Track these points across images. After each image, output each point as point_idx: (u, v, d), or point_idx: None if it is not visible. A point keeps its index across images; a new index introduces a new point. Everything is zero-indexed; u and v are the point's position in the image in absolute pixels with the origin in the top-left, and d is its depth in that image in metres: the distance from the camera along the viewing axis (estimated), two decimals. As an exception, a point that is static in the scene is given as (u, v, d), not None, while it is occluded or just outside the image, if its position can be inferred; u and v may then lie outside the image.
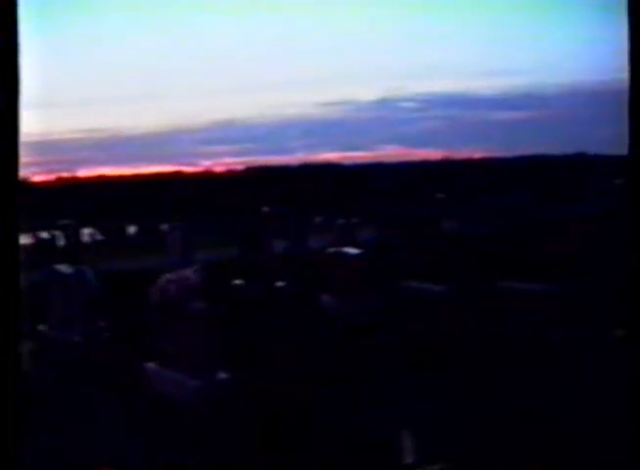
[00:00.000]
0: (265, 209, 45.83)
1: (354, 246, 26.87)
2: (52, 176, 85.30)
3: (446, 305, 21.97)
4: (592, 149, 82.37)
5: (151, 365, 16.19)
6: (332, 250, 25.75)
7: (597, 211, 47.41)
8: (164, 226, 45.87)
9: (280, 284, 27.62)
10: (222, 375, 15.22)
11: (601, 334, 18.20)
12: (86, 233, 53.06)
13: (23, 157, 4.14)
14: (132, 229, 58.07)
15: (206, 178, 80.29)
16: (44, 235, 46.96)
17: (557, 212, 47.64)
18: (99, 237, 54.88)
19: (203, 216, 53.44)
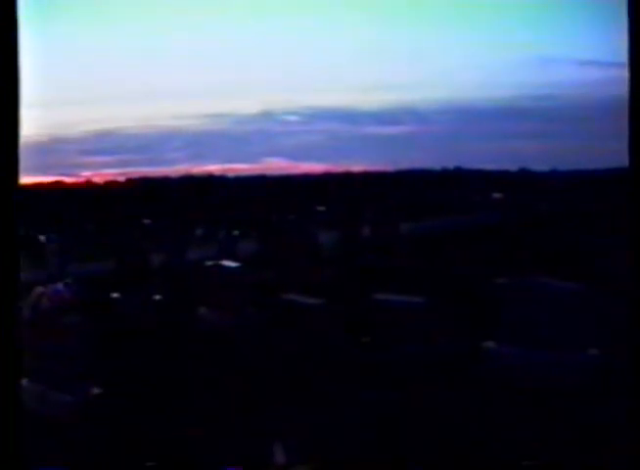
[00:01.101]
0: (145, 220, 45.30)
1: (234, 259, 26.92)
2: None
3: (322, 316, 22.29)
4: (468, 163, 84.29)
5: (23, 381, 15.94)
6: (210, 263, 25.77)
7: (474, 224, 48.71)
8: (42, 237, 44.87)
9: (158, 297, 27.45)
10: (96, 390, 15.10)
11: (467, 346, 18.89)
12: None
13: None
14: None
15: (87, 189, 78.74)
16: None
17: (434, 226, 48.59)
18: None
19: (81, 227, 52.46)
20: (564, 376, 16.75)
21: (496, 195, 64.47)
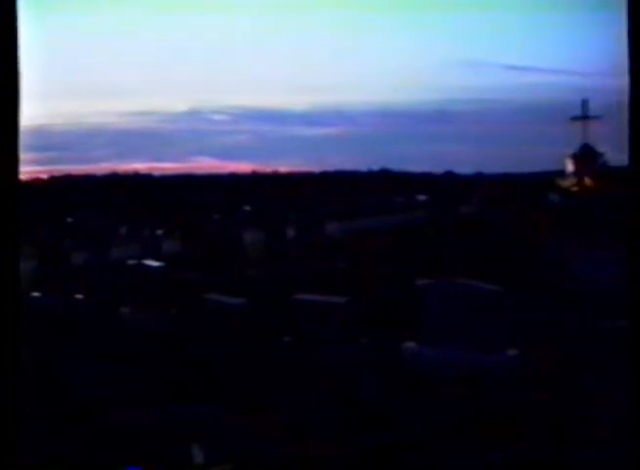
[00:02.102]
0: (69, 219, 44.71)
1: (157, 258, 26.71)
2: None
3: (244, 316, 22.27)
4: (394, 166, 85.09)
5: None
6: (133, 262, 25.54)
7: (398, 226, 49.12)
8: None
9: (80, 296, 27.12)
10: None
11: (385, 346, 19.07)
12: None
13: None
14: None
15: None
16: None
17: (359, 227, 48.89)
18: None
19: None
20: (483, 376, 16.98)
21: (421, 197, 65.18)
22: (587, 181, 55.65)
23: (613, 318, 18.81)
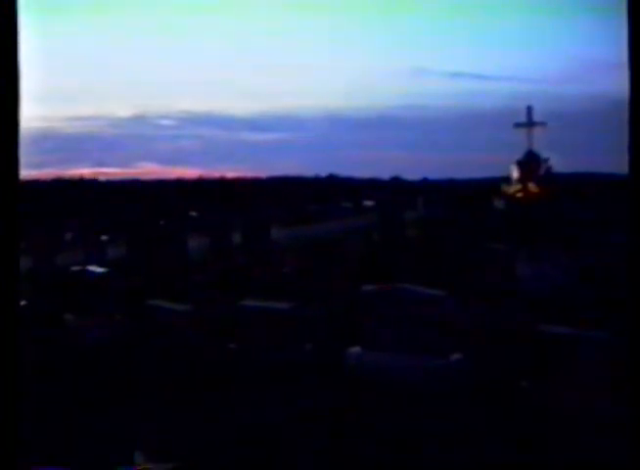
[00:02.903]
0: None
1: (101, 264, 26.52)
2: None
3: (189, 322, 22.22)
4: (341, 171, 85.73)
5: None
6: (77, 268, 25.33)
7: (344, 231, 49.31)
8: None
9: (22, 303, 26.77)
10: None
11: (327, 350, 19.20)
12: None
13: None
14: None
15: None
16: None
17: (305, 233, 49.00)
18: None
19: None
20: (426, 380, 17.13)
21: (367, 202, 65.62)
22: (532, 187, 56.38)
23: (553, 322, 19.10)
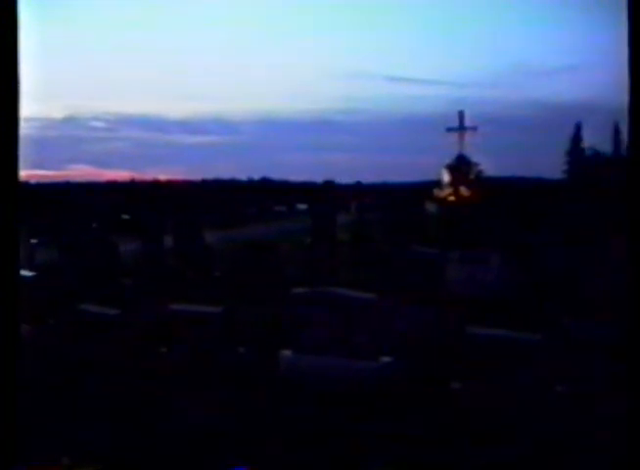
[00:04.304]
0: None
1: (30, 268, 26.11)
2: None
3: (119, 327, 22.02)
4: (275, 174, 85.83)
5: None
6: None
7: (278, 235, 49.32)
8: None
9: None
10: None
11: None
12: None
13: None
14: None
15: None
16: None
17: (238, 236, 48.93)
18: None
19: None
20: (356, 382, 17.21)
21: (301, 206, 65.74)
22: (463, 191, 57.05)
23: (484, 324, 19.33)
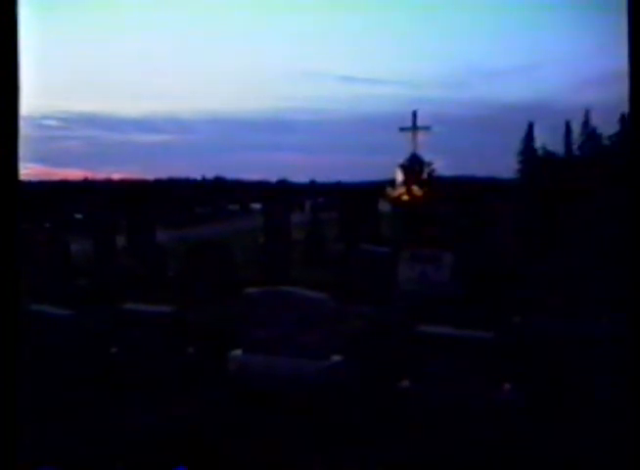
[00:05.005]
0: None
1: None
2: None
3: (71, 327, 21.96)
4: (228, 173, 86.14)
5: None
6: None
7: (231, 233, 49.39)
8: None
9: None
10: None
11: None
12: None
13: None
14: None
15: None
16: None
17: (191, 235, 48.95)
18: None
19: None
20: (307, 381, 17.38)
21: (255, 205, 65.89)
22: (416, 190, 57.60)
23: (434, 322, 19.66)
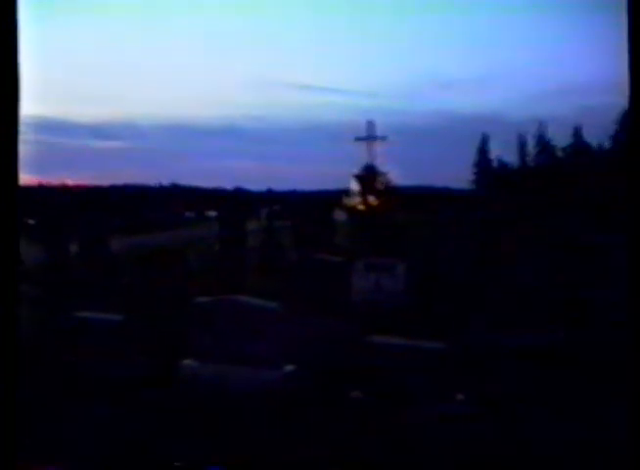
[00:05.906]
0: None
1: None
2: None
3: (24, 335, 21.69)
4: (184, 180, 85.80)
5: None
6: None
7: (186, 241, 49.13)
8: None
9: None
10: None
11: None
12: None
13: None
14: None
15: None
16: None
17: (145, 242, 48.59)
18: None
19: None
20: (258, 391, 17.32)
21: (210, 212, 65.69)
22: (371, 200, 57.93)
23: (387, 333, 19.71)
